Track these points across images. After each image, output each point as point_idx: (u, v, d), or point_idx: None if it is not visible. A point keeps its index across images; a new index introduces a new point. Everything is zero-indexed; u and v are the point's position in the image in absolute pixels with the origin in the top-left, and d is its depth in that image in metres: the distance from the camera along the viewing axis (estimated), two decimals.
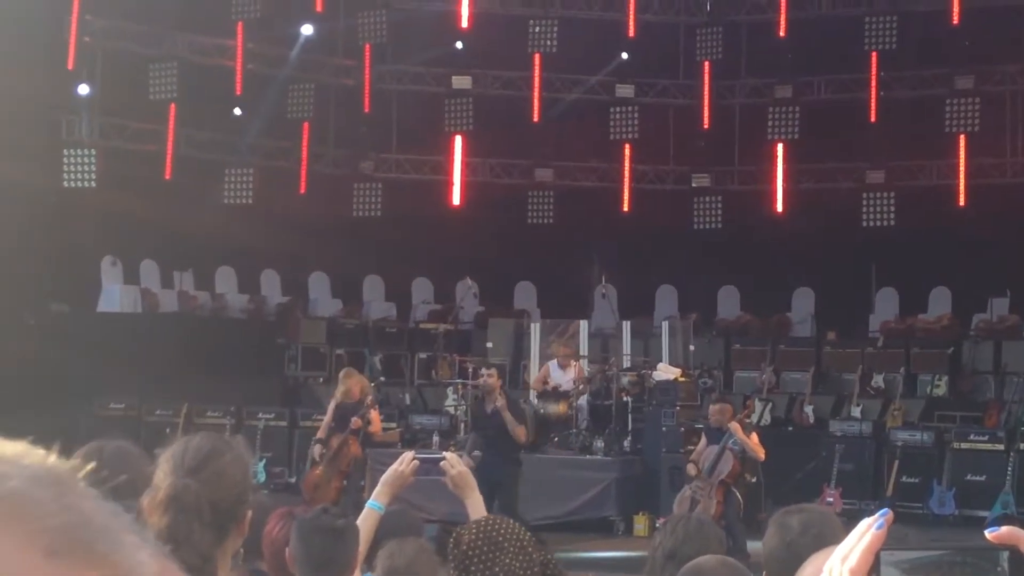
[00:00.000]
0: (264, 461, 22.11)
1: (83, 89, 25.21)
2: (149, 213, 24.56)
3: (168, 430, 22.90)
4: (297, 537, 4.89)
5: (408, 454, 5.60)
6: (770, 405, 22.65)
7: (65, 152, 24.61)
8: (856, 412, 22.24)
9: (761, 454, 16.21)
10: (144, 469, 3.80)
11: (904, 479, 20.15)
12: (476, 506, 5.46)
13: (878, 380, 23.61)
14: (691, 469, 16.38)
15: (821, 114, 27.59)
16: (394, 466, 5.53)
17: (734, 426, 16.02)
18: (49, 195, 24.11)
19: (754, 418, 19.66)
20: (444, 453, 5.62)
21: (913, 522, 19.49)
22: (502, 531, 4.45)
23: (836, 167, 27.72)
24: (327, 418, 17.62)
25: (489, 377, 16.96)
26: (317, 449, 17.43)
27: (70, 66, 24.67)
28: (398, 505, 6.01)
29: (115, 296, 25.62)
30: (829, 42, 27.34)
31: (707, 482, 15.98)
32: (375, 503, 5.49)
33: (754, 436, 16.35)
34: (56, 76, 24.69)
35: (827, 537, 4.44)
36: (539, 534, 16.13)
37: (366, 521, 5.44)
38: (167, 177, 25.85)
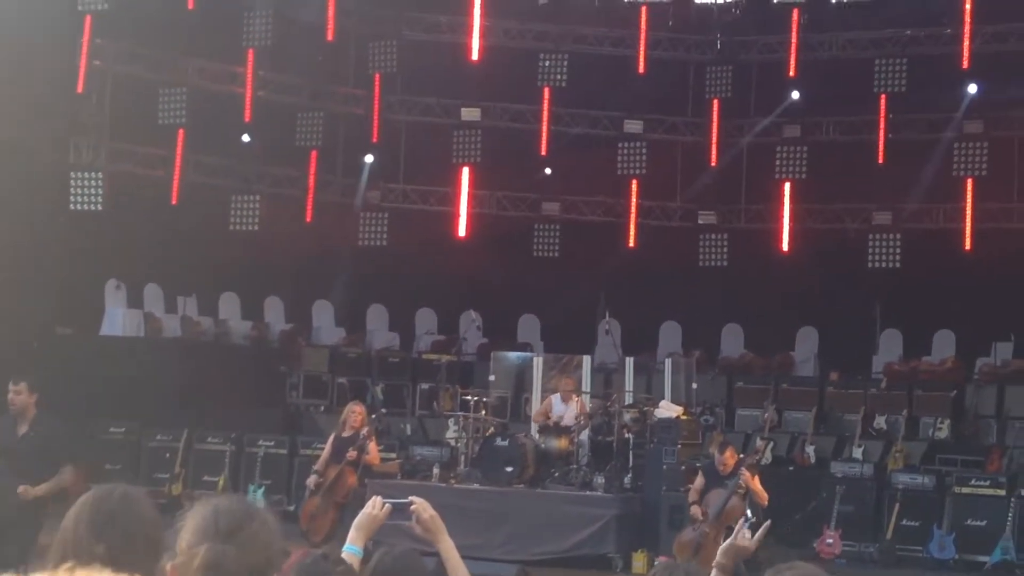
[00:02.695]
0: (263, 489, 22.05)
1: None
2: (155, 237, 24.61)
3: (168, 455, 22.91)
4: None
5: (377, 499, 5.54)
6: (771, 444, 22.59)
7: (72, 175, 24.64)
8: (858, 453, 22.16)
9: (764, 499, 16.13)
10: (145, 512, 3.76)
11: (904, 522, 20.05)
12: (448, 550, 5.41)
13: (880, 422, 23.55)
14: (696, 511, 16.30)
15: (829, 154, 27.60)
16: (366, 509, 5.47)
17: (746, 476, 15.93)
18: (56, 218, 24.11)
19: (759, 458, 19.56)
20: (412, 497, 5.54)
21: (913, 566, 19.46)
22: None
23: (843, 208, 27.71)
24: (326, 450, 17.61)
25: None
26: (313, 480, 17.40)
27: (79, 89, 24.71)
28: (404, 545, 5.97)
29: (118, 320, 25.62)
30: (839, 83, 27.37)
31: (713, 526, 15.91)
32: (352, 547, 5.44)
33: (756, 479, 16.28)
34: (65, 99, 24.74)
35: None
36: (538, 570, 16.10)
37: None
38: (173, 202, 25.87)
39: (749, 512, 16.03)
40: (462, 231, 28.48)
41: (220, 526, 3.51)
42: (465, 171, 28.55)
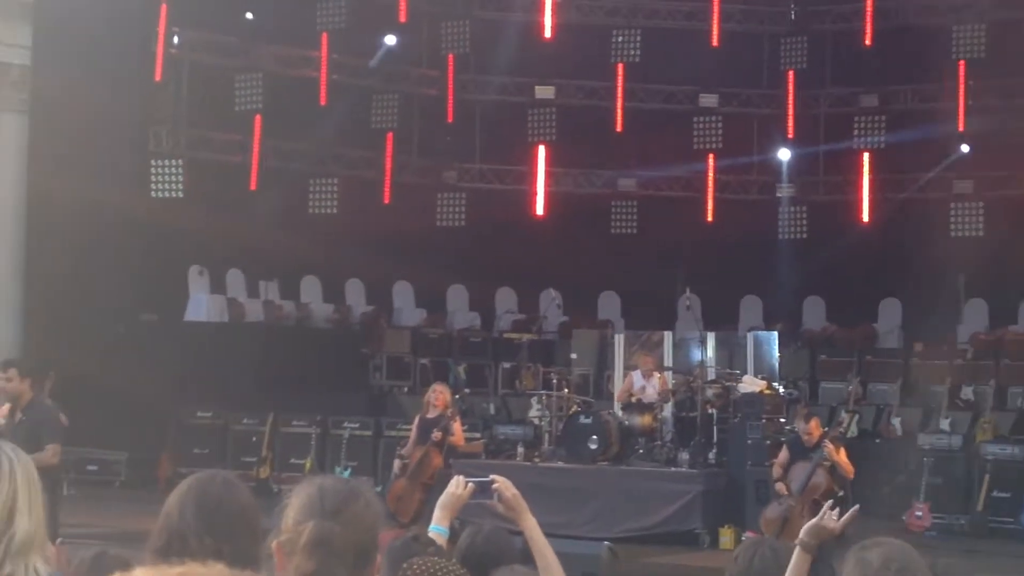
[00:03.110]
0: (349, 471, 22.18)
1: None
2: (235, 223, 24.75)
3: (254, 439, 23.11)
4: (387, 564, 4.90)
5: (460, 478, 5.55)
6: (857, 417, 22.43)
7: (153, 163, 24.84)
8: (945, 425, 21.96)
9: (850, 471, 16.03)
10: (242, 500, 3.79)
11: (995, 493, 19.87)
12: (532, 528, 5.42)
13: (967, 393, 23.33)
14: (780, 488, 16.22)
15: (908, 123, 27.32)
16: (449, 489, 5.49)
17: (829, 447, 15.85)
18: (137, 206, 24.34)
19: (843, 432, 19.45)
20: (493, 476, 5.55)
21: (1005, 537, 19.28)
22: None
23: (923, 176, 27.42)
24: (412, 432, 17.70)
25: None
26: (399, 463, 17.49)
27: (157, 78, 24.90)
28: (492, 523, 5.99)
29: (202, 305, 25.83)
30: (916, 51, 27.06)
31: (798, 500, 15.83)
32: (438, 527, 5.47)
33: (842, 451, 16.18)
34: (144, 88, 24.95)
35: (910, 572, 4.37)
36: (624, 547, 16.10)
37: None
38: (252, 187, 26.03)
39: (836, 487, 16.02)
40: (539, 210, 28.48)
41: (326, 504, 3.54)
42: (541, 149, 28.53)
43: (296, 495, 3.60)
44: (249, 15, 26.07)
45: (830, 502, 5.90)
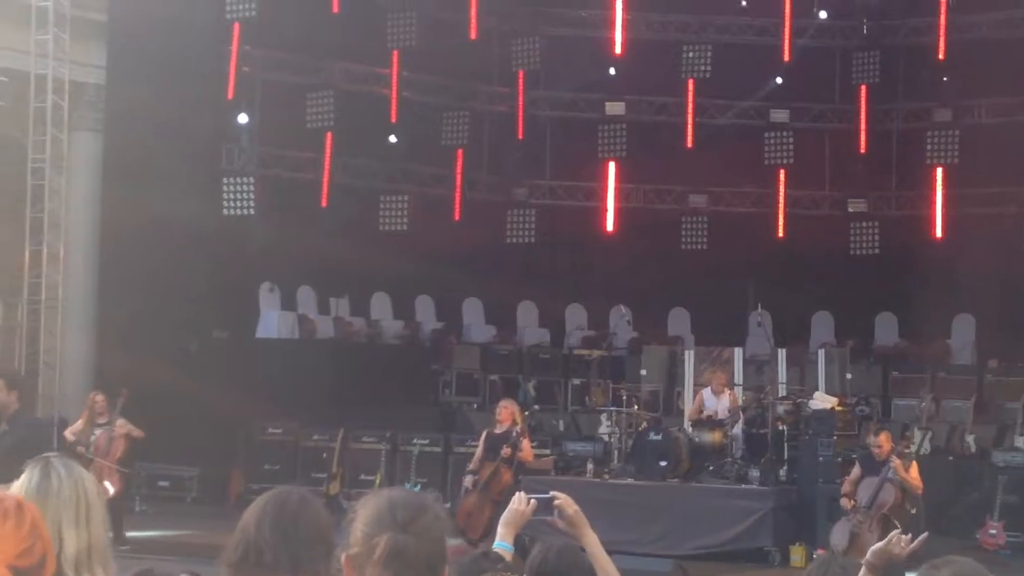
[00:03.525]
0: (419, 487, 22.18)
1: (242, 118, 25.63)
2: (306, 240, 24.90)
3: (324, 455, 23.21)
4: None
5: (522, 494, 5.57)
6: (930, 434, 22.21)
7: (225, 181, 25.04)
8: (1020, 442, 21.66)
9: (920, 488, 15.88)
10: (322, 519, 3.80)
11: None
12: (593, 544, 5.43)
13: None
14: (846, 503, 16.11)
15: (982, 137, 27.08)
16: (512, 506, 5.51)
17: (896, 462, 15.71)
18: (209, 223, 24.54)
19: (913, 448, 19.26)
20: (554, 492, 5.55)
21: None
22: None
23: (997, 192, 27.15)
24: (479, 448, 17.69)
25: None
26: (468, 479, 17.50)
27: (230, 96, 25.11)
28: (562, 539, 5.99)
29: (273, 322, 25.98)
30: (989, 64, 26.82)
31: (867, 515, 15.71)
32: (503, 543, 5.48)
33: (914, 467, 16.02)
34: (216, 106, 25.17)
35: None
36: (694, 564, 16.03)
37: None
38: (323, 204, 26.17)
39: (906, 504, 15.88)
40: (610, 226, 28.45)
41: (397, 517, 3.55)
42: (611, 165, 28.51)
43: (364, 508, 3.61)
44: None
45: (897, 531, 5.82)
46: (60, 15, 23.52)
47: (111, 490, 17.35)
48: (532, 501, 5.49)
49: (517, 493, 5.59)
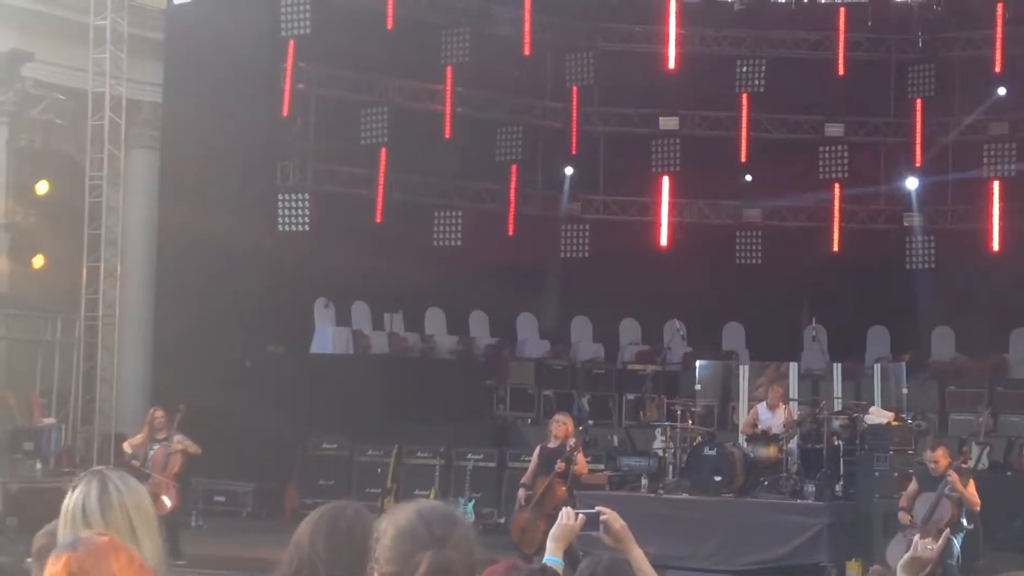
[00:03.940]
0: (473, 502, 22.23)
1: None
2: (360, 256, 24.98)
3: (379, 470, 23.25)
4: None
5: (569, 510, 5.60)
6: (988, 449, 22.00)
7: (280, 197, 25.17)
8: None
9: (976, 504, 15.75)
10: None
11: None
12: (639, 559, 5.43)
13: None
14: (903, 518, 16.00)
15: None
16: (561, 520, 5.54)
17: (953, 477, 15.59)
18: (265, 239, 24.67)
19: (972, 463, 19.11)
20: (600, 508, 5.58)
21: None
22: None
23: None
24: (533, 462, 17.66)
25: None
26: (522, 493, 17.47)
27: (285, 113, 25.26)
28: (610, 554, 5.99)
29: (327, 337, 26.06)
30: None
31: (923, 530, 15.59)
32: (553, 558, 5.50)
33: (971, 484, 15.89)
34: (272, 123, 25.31)
35: None
36: None
37: None
38: (378, 220, 26.25)
39: (965, 520, 15.75)
40: (664, 240, 28.41)
41: (434, 531, 3.50)
42: (665, 180, 28.48)
43: (391, 524, 3.55)
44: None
45: (918, 536, 5.75)
46: (117, 33, 23.72)
47: (168, 504, 17.47)
48: (580, 516, 5.51)
49: (564, 508, 5.63)
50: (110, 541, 3.27)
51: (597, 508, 5.58)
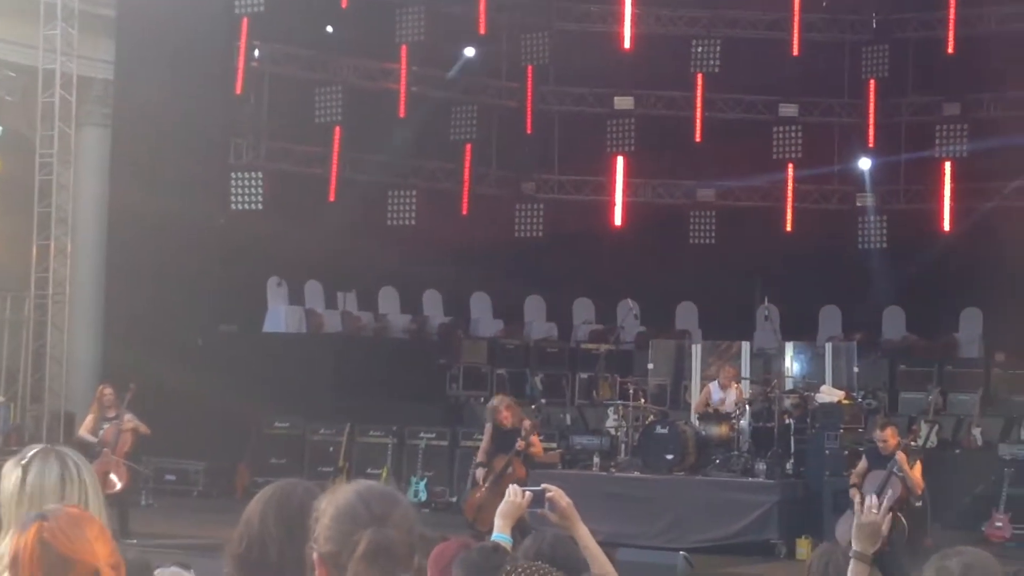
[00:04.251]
0: (425, 480, 22.26)
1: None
2: (314, 235, 24.91)
3: (331, 449, 23.23)
4: (463, 573, 4.91)
5: (516, 487, 5.64)
6: (937, 427, 22.19)
7: (233, 176, 25.07)
8: None
9: (920, 487, 15.82)
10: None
11: None
12: (585, 537, 5.47)
13: None
14: (854, 494, 16.06)
15: (990, 131, 27.03)
16: (508, 498, 5.57)
17: (900, 456, 15.66)
18: (217, 218, 24.57)
19: (920, 441, 19.25)
20: (545, 485, 5.65)
21: None
22: None
23: (1005, 185, 27.11)
24: (485, 442, 17.55)
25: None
26: (480, 472, 17.40)
27: (238, 91, 25.14)
28: (555, 531, 6.01)
29: (280, 317, 26.00)
30: (999, 58, 26.78)
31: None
32: (502, 535, 5.52)
33: (918, 464, 15.95)
34: (225, 101, 25.19)
35: None
36: (701, 557, 16.02)
37: None
38: (331, 199, 26.18)
39: (913, 499, 15.84)
40: (618, 220, 28.45)
41: (373, 510, 3.49)
42: (619, 160, 28.50)
43: (331, 504, 3.53)
44: (329, 29, 26.26)
45: (857, 499, 5.68)
46: (68, 10, 23.56)
47: (118, 483, 17.40)
48: (527, 493, 5.54)
49: (511, 486, 5.65)
50: (80, 512, 3.24)
51: (543, 485, 5.63)
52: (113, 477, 17.32)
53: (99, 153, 25.07)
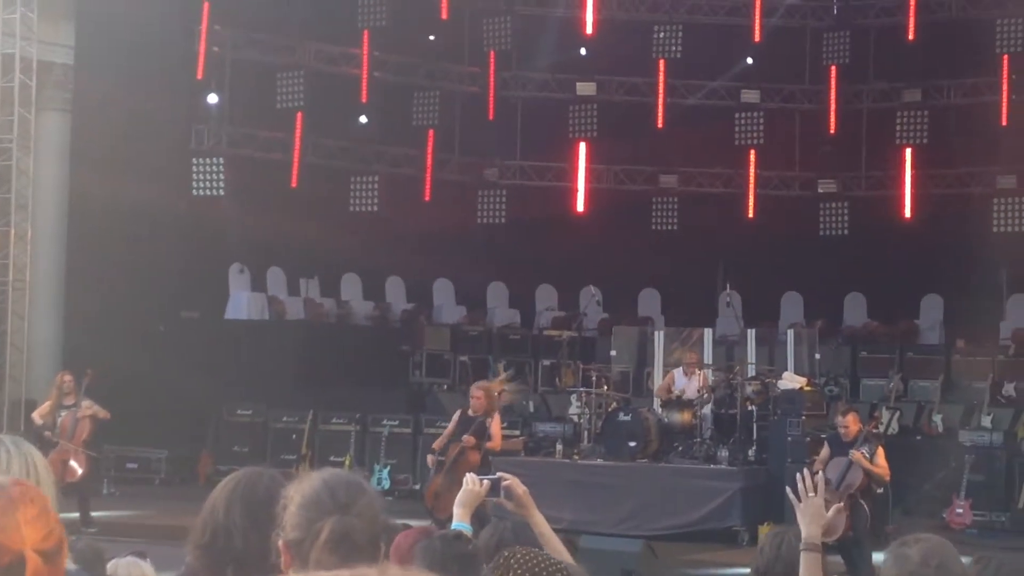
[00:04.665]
0: (388, 468, 22.24)
1: (212, 98, 25.56)
2: (276, 221, 24.84)
3: (294, 436, 23.19)
4: (425, 561, 4.91)
5: (473, 475, 5.69)
6: (898, 414, 22.30)
7: (194, 161, 24.95)
8: (986, 422, 21.79)
9: (886, 475, 15.87)
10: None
11: None
12: (541, 524, 5.54)
13: (1009, 389, 23.16)
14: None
15: (951, 118, 27.17)
16: (466, 487, 5.62)
17: (856, 456, 15.65)
18: (179, 204, 24.46)
19: (882, 428, 19.34)
20: (501, 473, 5.73)
21: None
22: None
23: (966, 172, 27.27)
24: (449, 427, 17.51)
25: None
26: (431, 459, 17.33)
27: (199, 76, 25.01)
28: (514, 519, 6.03)
29: (242, 303, 25.93)
30: (959, 45, 26.90)
31: (835, 494, 15.72)
32: (462, 524, 5.54)
33: (880, 453, 15.98)
34: (186, 86, 25.06)
35: (949, 568, 4.34)
36: (663, 544, 16.05)
37: None
38: (293, 185, 26.11)
39: (873, 484, 15.91)
40: (580, 206, 28.46)
41: (337, 499, 3.51)
42: (582, 146, 28.51)
43: (298, 492, 3.56)
44: (291, 13, 26.13)
45: (790, 491, 5.69)
46: None
47: (78, 471, 17.33)
48: (485, 482, 5.59)
49: (468, 474, 5.69)
50: (23, 490, 3.14)
51: (499, 474, 5.70)
52: (73, 464, 17.25)
53: (59, 138, 24.86)
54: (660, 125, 28.34)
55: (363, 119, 27.43)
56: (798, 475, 5.60)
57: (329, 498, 3.52)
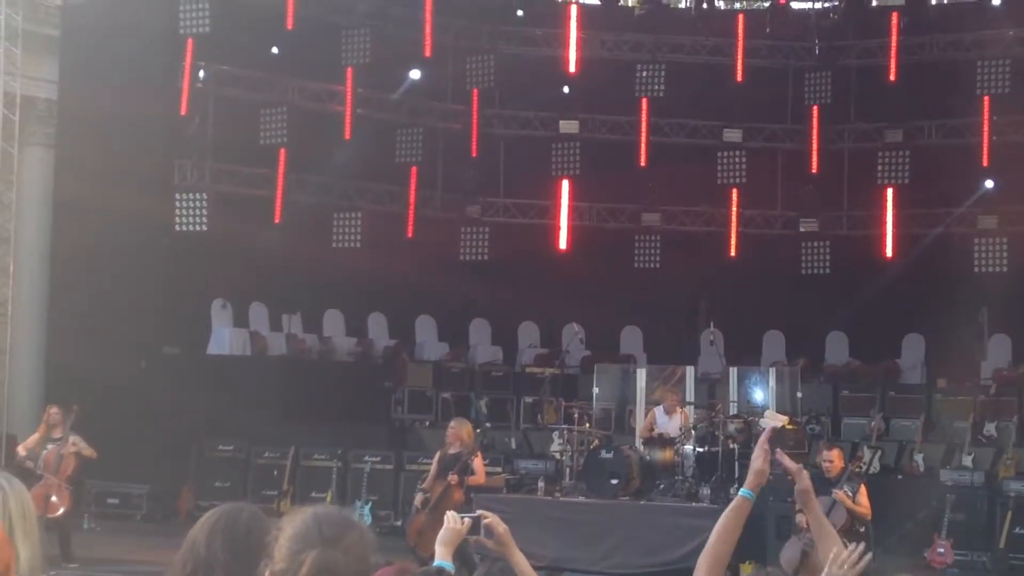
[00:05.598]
0: (370, 504, 22.18)
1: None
2: (259, 256, 24.84)
3: (276, 472, 23.14)
4: None
5: (454, 513, 5.71)
6: (879, 453, 22.36)
7: (177, 196, 24.94)
8: (968, 461, 21.86)
9: (868, 514, 15.90)
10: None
11: (1017, 530, 19.76)
12: (521, 563, 5.55)
13: (990, 429, 23.24)
14: (801, 520, 16.16)
15: (932, 158, 27.32)
16: (448, 525, 5.64)
17: (839, 495, 15.71)
18: (161, 239, 24.46)
19: (864, 467, 19.37)
20: (481, 512, 5.75)
21: None
22: None
23: (948, 212, 27.39)
24: (433, 467, 17.58)
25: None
26: (419, 497, 17.40)
27: (183, 112, 25.03)
28: (503, 561, 6.04)
29: (225, 338, 25.89)
30: (940, 86, 27.07)
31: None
32: (444, 563, 5.56)
33: (862, 491, 16.03)
34: (169, 122, 25.08)
35: None
36: None
37: None
38: (277, 221, 26.11)
39: (856, 524, 15.93)
40: (563, 244, 28.51)
41: (324, 533, 3.54)
42: (565, 184, 28.57)
43: (288, 524, 3.59)
44: (275, 50, 26.21)
45: (839, 548, 5.68)
46: (12, 29, 23.42)
47: (60, 506, 17.26)
48: (466, 520, 5.62)
49: (449, 512, 5.72)
50: None
51: (479, 512, 5.71)
52: (55, 500, 17.19)
53: (42, 173, 24.90)
54: (643, 163, 28.41)
55: (345, 157, 27.41)
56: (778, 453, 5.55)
57: (316, 531, 3.54)
